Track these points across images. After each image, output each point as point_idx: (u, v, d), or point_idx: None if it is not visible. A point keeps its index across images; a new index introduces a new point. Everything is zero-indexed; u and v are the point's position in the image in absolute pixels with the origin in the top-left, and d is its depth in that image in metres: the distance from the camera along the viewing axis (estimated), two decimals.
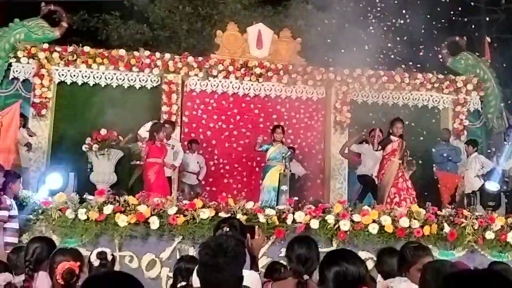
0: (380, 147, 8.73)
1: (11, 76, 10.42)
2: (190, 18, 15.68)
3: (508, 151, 10.60)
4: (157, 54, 10.80)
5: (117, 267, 5.74)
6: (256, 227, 4.10)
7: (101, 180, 9.80)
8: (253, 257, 3.82)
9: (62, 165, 9.17)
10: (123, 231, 6.56)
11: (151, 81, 10.80)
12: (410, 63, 11.46)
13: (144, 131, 9.34)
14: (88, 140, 10.03)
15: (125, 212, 6.64)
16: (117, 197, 6.81)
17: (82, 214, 6.57)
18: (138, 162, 9.84)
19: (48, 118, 10.36)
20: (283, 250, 3.96)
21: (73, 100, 10.74)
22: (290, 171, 9.19)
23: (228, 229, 3.64)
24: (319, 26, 11.37)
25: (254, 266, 3.81)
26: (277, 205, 7.85)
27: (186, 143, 10.68)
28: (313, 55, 11.13)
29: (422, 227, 7.05)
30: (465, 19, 14.40)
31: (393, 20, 11.01)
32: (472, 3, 14.83)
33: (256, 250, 3.86)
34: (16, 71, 10.41)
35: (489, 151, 11.29)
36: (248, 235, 3.68)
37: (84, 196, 6.86)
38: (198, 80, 10.93)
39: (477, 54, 12.18)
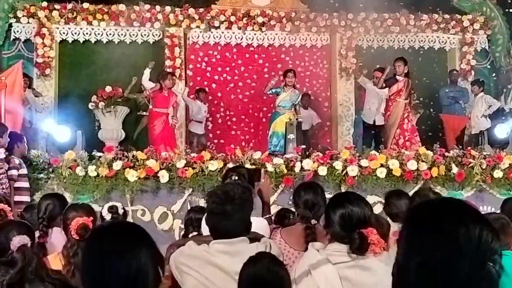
0: (384, 85, 8.65)
1: (12, 37, 10.35)
2: None
3: None
4: (158, 8, 10.61)
5: (129, 221, 5.86)
6: (262, 170, 4.11)
7: (109, 137, 9.88)
8: (264, 202, 3.86)
9: (69, 124, 9.21)
10: (134, 185, 6.67)
11: (153, 35, 10.67)
12: (414, 5, 11.20)
13: (146, 80, 9.18)
14: (94, 98, 10.06)
15: (135, 167, 6.73)
16: (125, 153, 6.88)
17: (92, 171, 6.68)
18: (144, 113, 9.85)
19: (53, 77, 10.33)
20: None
21: (76, 58, 10.68)
22: (297, 119, 9.13)
23: (236, 177, 3.65)
24: None
25: (266, 211, 3.85)
26: (284, 153, 7.88)
27: (194, 93, 10.62)
28: (316, 1, 10.90)
29: (430, 169, 7.09)
30: None
31: None
32: None
33: (265, 193, 3.88)
34: (17, 31, 10.33)
35: (491, 89, 11.12)
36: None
37: (93, 153, 6.93)
38: (200, 32, 10.79)
39: None
